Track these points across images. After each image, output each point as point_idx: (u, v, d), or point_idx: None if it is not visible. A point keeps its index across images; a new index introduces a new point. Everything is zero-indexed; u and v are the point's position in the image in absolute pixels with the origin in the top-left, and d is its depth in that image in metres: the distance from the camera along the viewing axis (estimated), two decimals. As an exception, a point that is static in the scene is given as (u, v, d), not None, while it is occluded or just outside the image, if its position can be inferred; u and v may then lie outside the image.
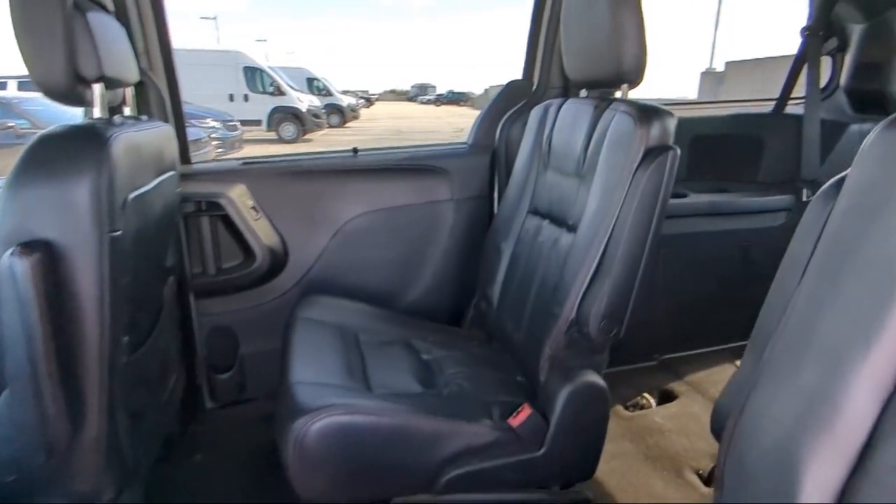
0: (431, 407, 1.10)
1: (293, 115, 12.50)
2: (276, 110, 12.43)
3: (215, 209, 1.53)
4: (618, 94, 1.21)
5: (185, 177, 1.45)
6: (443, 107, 34.67)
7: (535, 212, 1.41)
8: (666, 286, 1.67)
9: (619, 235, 1.06)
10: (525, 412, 1.08)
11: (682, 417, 1.66)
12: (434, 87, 44.96)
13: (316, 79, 16.27)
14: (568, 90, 1.70)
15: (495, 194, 1.74)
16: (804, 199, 1.90)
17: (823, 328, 0.50)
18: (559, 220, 1.30)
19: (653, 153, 1.05)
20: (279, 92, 12.42)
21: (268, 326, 1.62)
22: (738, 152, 2.05)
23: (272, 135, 12.38)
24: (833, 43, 1.98)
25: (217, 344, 1.66)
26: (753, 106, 2.28)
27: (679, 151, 1.05)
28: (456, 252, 1.75)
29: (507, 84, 1.77)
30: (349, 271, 1.70)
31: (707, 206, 1.81)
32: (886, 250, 0.47)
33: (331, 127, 15.26)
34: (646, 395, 1.78)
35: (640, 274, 1.08)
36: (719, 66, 14.09)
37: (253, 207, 1.58)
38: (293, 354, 1.22)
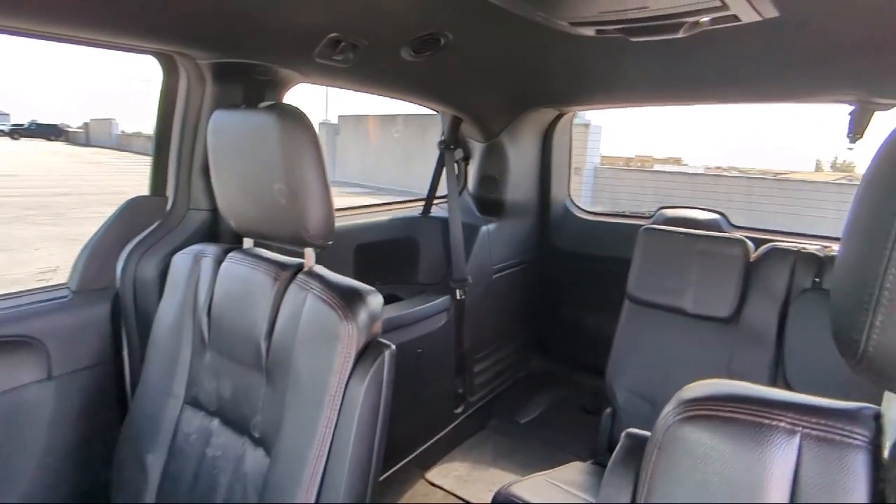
0: None
1: None
2: None
3: None
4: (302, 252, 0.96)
5: None
6: (23, 141, 27.28)
7: (194, 404, 1.02)
8: None
9: (338, 468, 0.80)
10: None
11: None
12: (7, 114, 34.79)
13: None
14: (218, 212, 1.34)
15: (125, 356, 1.24)
16: (458, 297, 2.04)
17: None
18: (238, 426, 0.95)
19: (367, 356, 0.83)
20: None
21: None
22: (399, 255, 2.07)
23: None
24: (460, 153, 2.23)
25: None
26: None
27: (395, 348, 0.87)
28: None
29: (128, 203, 1.29)
30: None
31: (387, 323, 1.73)
32: None
33: None
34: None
35: None
36: (333, 119, 16.02)
37: None
38: None
